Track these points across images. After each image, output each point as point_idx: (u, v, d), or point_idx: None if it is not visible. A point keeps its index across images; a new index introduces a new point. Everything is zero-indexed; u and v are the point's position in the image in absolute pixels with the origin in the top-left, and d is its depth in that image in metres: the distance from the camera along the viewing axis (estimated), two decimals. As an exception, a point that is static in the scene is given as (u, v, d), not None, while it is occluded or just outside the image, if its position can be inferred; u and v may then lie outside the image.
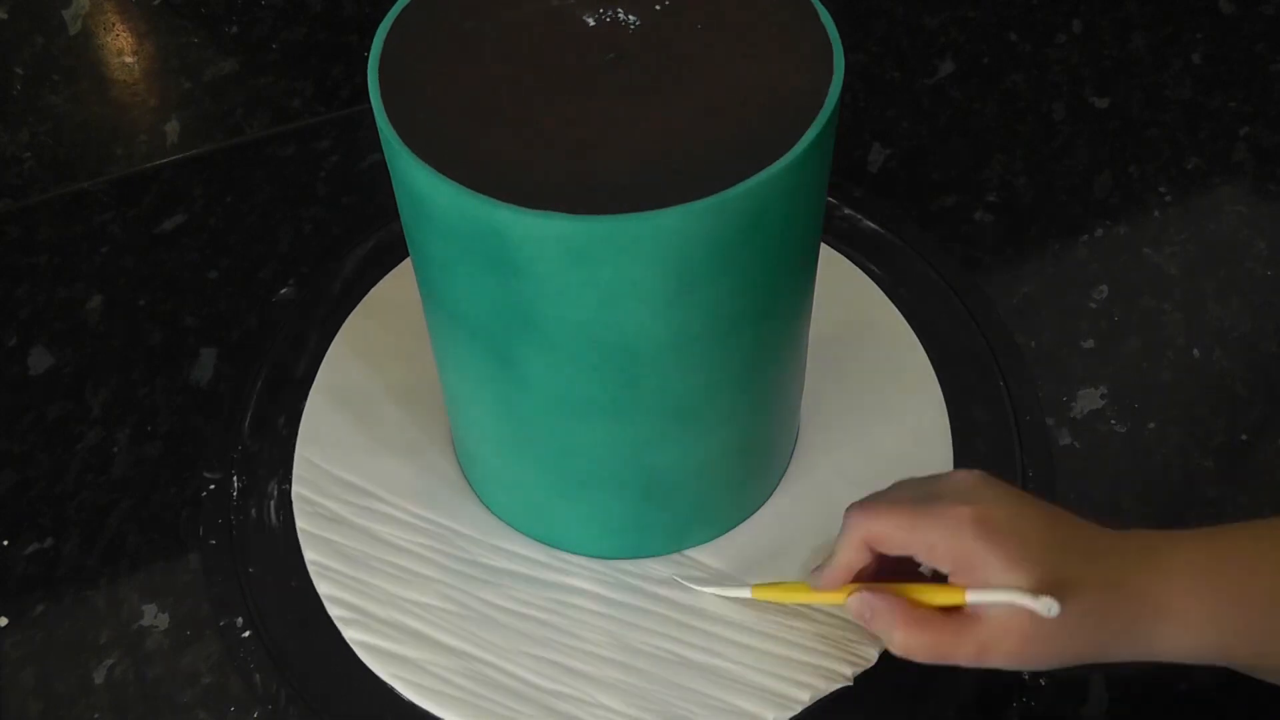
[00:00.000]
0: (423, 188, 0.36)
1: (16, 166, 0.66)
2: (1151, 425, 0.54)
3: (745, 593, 0.46)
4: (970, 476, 0.40)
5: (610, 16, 0.40)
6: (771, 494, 0.51)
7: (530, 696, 0.45)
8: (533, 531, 0.49)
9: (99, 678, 0.47)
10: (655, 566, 0.48)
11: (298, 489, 0.51)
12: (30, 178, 0.66)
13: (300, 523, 0.50)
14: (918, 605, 0.39)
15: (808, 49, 0.38)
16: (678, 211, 0.34)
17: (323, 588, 0.48)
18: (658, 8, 0.40)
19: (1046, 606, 0.36)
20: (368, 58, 0.39)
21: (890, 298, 0.58)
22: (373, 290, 0.59)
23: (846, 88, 0.37)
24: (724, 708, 0.44)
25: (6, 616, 0.49)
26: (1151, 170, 0.66)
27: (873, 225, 0.62)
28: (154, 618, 0.49)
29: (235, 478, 0.52)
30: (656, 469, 0.44)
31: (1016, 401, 0.54)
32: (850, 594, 0.41)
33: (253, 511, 0.51)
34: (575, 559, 0.49)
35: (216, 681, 0.47)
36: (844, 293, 0.58)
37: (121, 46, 0.66)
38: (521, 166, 0.35)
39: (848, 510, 0.41)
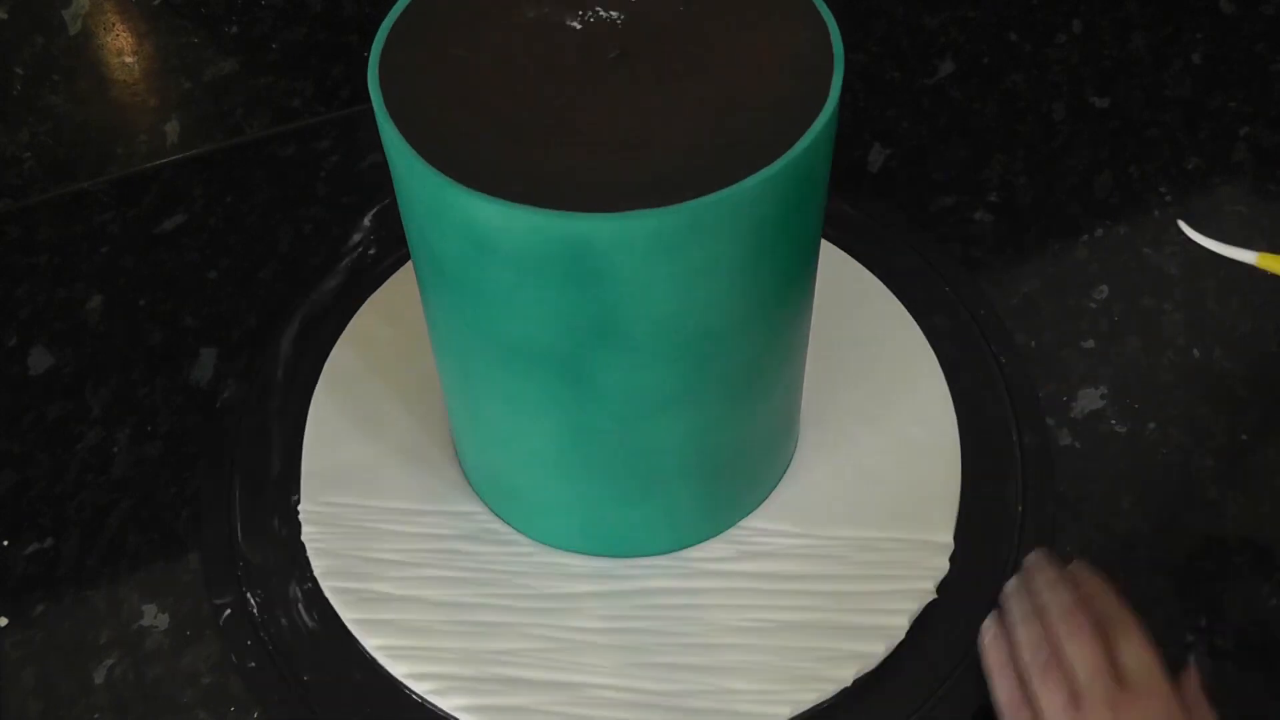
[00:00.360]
0: (491, 219, 0.35)
1: (16, 166, 0.66)
2: (1151, 425, 0.54)
3: (1252, 258, 0.48)
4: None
5: (612, 18, 0.40)
6: (735, 524, 0.50)
7: (528, 684, 0.45)
8: (492, 503, 0.50)
9: (99, 678, 0.47)
10: (591, 565, 0.48)
11: (304, 503, 0.51)
12: (30, 178, 0.66)
13: (306, 530, 0.50)
14: None
15: (808, 48, 0.39)
16: (755, 181, 0.34)
17: (328, 581, 0.48)
18: (661, 8, 0.40)
19: None
20: (368, 58, 0.39)
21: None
22: (375, 294, 0.59)
23: (846, 87, 0.37)
24: (714, 689, 0.45)
25: (6, 616, 0.49)
26: (1151, 170, 0.66)
27: (872, 225, 0.62)
28: (154, 618, 0.49)
29: (235, 478, 0.52)
30: (593, 471, 0.44)
31: (1017, 402, 0.54)
32: None
33: (248, 513, 0.51)
34: (522, 540, 0.49)
35: (216, 681, 0.47)
36: (847, 291, 0.58)
37: (121, 46, 0.66)
38: (513, 161, 0.35)
39: None
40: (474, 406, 0.45)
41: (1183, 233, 0.51)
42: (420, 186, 0.36)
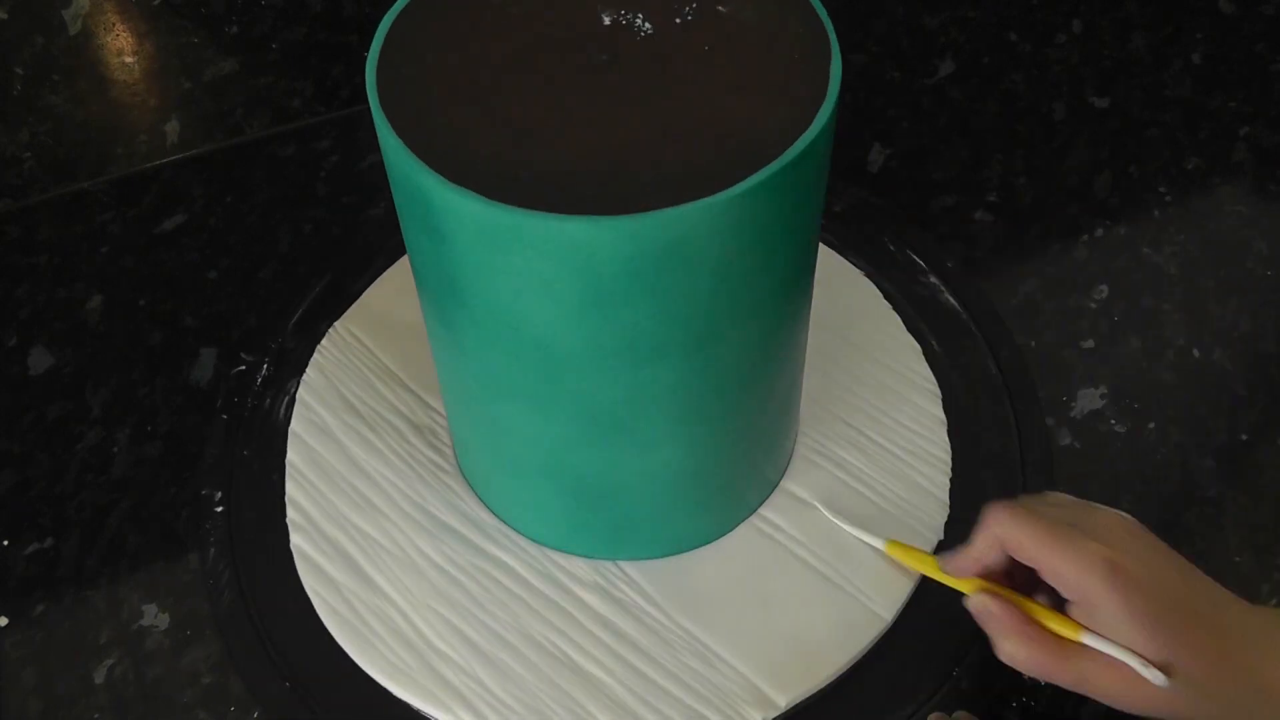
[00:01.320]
0: (488, 221, 0.35)
1: (16, 166, 0.66)
2: (1151, 425, 0.54)
3: (880, 544, 0.47)
4: (1120, 521, 0.41)
5: (611, 18, 0.40)
6: (737, 526, 0.50)
7: (418, 649, 0.46)
8: (485, 500, 0.50)
9: (99, 678, 0.47)
10: (582, 567, 0.48)
11: (290, 512, 0.51)
12: (30, 178, 0.66)
13: (294, 537, 0.50)
14: (1032, 620, 0.40)
15: (807, 48, 0.38)
16: (584, 222, 0.34)
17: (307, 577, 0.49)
18: (660, 8, 0.40)
19: (1155, 677, 0.37)
20: (368, 58, 0.39)
21: (889, 298, 0.58)
22: (370, 289, 0.59)
23: (846, 87, 0.37)
24: None
25: (6, 616, 0.49)
26: (1151, 170, 0.66)
27: (872, 225, 0.62)
28: (154, 618, 0.49)
29: (233, 476, 0.52)
30: (583, 472, 0.44)
31: (1016, 401, 0.54)
32: (975, 590, 0.42)
33: (248, 513, 0.51)
34: (514, 536, 0.49)
35: (216, 681, 0.47)
36: (840, 294, 0.58)
37: (121, 46, 0.66)
38: (513, 163, 0.35)
39: (991, 506, 0.42)
40: (470, 404, 0.45)
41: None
42: (415, 187, 0.36)
